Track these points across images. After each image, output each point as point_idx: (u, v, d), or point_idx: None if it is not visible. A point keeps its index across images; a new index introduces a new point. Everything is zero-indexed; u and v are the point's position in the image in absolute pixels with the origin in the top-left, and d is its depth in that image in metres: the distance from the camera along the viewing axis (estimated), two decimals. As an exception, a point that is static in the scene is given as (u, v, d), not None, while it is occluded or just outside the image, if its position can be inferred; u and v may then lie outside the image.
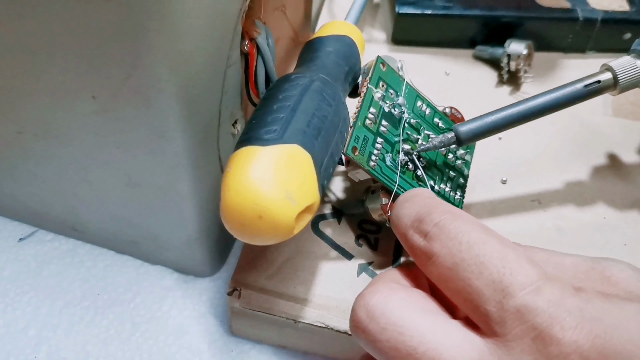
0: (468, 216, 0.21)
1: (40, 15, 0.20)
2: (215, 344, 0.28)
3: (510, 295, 0.18)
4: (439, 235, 0.20)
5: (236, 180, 0.19)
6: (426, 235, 0.20)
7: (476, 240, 0.19)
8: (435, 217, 0.20)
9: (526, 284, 0.18)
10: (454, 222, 0.20)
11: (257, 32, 0.25)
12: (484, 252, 0.19)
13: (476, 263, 0.19)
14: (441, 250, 0.20)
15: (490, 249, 0.19)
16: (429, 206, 0.21)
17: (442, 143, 0.26)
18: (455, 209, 0.21)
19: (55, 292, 0.29)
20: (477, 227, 0.20)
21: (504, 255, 0.19)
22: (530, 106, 0.26)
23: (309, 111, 0.21)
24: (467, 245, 0.19)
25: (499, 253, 0.19)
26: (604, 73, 0.26)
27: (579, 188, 0.31)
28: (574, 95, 0.26)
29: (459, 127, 0.26)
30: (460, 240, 0.19)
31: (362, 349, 0.22)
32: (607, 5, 0.38)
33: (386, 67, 0.27)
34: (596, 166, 0.32)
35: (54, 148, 0.25)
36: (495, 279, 0.18)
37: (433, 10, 0.37)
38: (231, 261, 0.31)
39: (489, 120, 0.26)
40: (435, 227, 0.20)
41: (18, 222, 0.32)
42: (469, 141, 0.26)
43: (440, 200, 0.22)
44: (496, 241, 0.19)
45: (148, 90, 0.21)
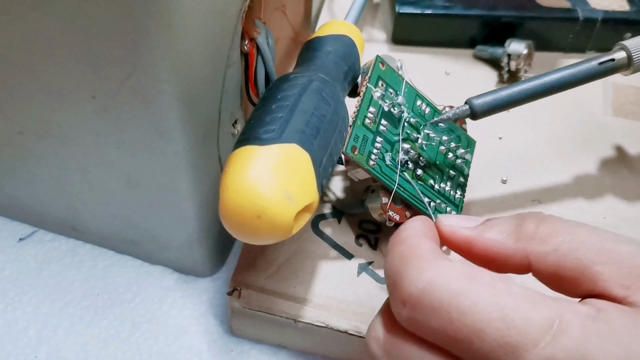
0: (446, 269, 0.18)
1: (40, 15, 0.20)
2: (215, 344, 0.28)
3: (523, 355, 0.16)
4: (421, 305, 0.18)
5: (235, 180, 0.19)
6: (406, 305, 0.18)
7: (467, 304, 0.17)
8: (411, 281, 0.18)
9: (539, 338, 0.16)
10: (435, 286, 0.18)
11: (257, 32, 0.25)
12: (479, 317, 0.17)
13: (474, 332, 0.17)
14: (429, 321, 0.18)
15: (485, 310, 0.17)
16: (402, 262, 0.19)
17: (456, 115, 0.25)
18: (431, 261, 0.18)
19: (55, 292, 0.29)
20: (462, 282, 0.18)
21: (504, 314, 0.17)
22: (544, 82, 0.25)
23: (308, 111, 0.21)
24: (457, 314, 0.17)
25: (496, 312, 0.17)
26: (619, 52, 0.26)
27: (579, 188, 0.31)
28: (588, 72, 0.26)
29: (474, 99, 0.25)
30: (448, 309, 0.17)
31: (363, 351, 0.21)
32: (607, 5, 0.38)
33: (385, 66, 0.27)
34: (596, 166, 0.32)
35: (54, 148, 0.25)
36: (503, 343, 0.16)
37: (433, 10, 0.37)
38: (231, 261, 0.31)
39: (503, 94, 0.25)
40: (413, 295, 0.18)
41: (18, 222, 0.32)
42: (482, 114, 0.25)
43: (416, 246, 0.19)
44: (488, 293, 0.17)
45: (148, 90, 0.21)
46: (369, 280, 0.27)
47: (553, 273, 0.19)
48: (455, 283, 0.18)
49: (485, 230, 0.20)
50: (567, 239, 0.19)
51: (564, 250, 0.19)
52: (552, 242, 0.19)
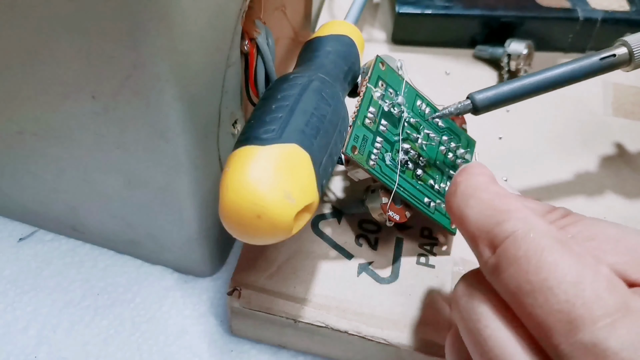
0: (544, 226, 0.18)
1: (40, 15, 0.20)
2: (215, 344, 0.28)
3: (578, 329, 0.16)
4: (509, 250, 0.18)
5: (235, 180, 0.19)
6: (495, 250, 0.18)
7: (548, 259, 0.17)
8: (507, 227, 0.18)
9: (599, 317, 0.16)
10: (527, 236, 0.18)
11: (257, 32, 0.25)
12: (554, 275, 0.17)
13: (542, 289, 0.17)
14: (507, 269, 0.17)
15: (563, 271, 0.17)
16: (500, 211, 0.19)
17: (458, 110, 0.25)
18: (531, 215, 0.18)
19: (55, 292, 0.29)
20: (552, 242, 0.17)
21: (579, 280, 0.16)
22: (546, 77, 0.25)
23: (308, 111, 0.21)
24: (535, 266, 0.17)
25: (573, 277, 0.16)
26: (620, 48, 0.26)
27: (579, 188, 0.31)
28: (590, 67, 0.26)
29: (476, 94, 0.25)
30: (530, 259, 0.17)
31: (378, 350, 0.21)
32: (607, 5, 0.38)
33: (385, 66, 0.27)
34: (596, 166, 0.32)
35: (54, 148, 0.25)
36: (563, 309, 0.16)
37: (433, 10, 0.37)
38: (231, 261, 0.31)
39: (505, 89, 0.25)
40: (506, 241, 0.18)
41: (18, 222, 0.32)
42: (484, 109, 0.25)
43: (510, 198, 0.20)
44: (573, 260, 0.17)
45: (148, 90, 0.21)
46: (369, 280, 0.27)
47: None
48: (547, 240, 0.17)
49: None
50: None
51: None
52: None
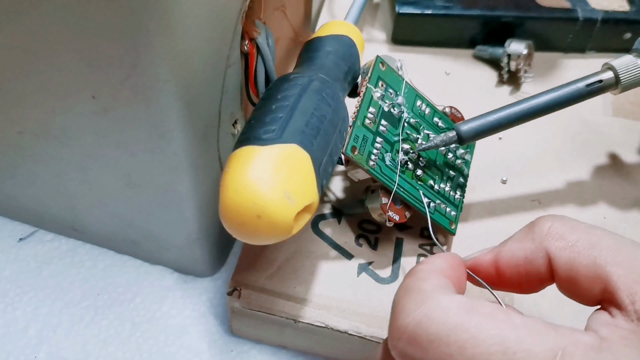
0: (446, 300, 0.18)
1: (40, 15, 0.20)
2: (215, 344, 0.28)
3: None
4: (417, 338, 0.17)
5: (235, 180, 0.19)
6: (401, 339, 0.18)
7: (466, 336, 0.17)
8: (408, 313, 0.18)
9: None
10: (432, 318, 0.17)
11: (257, 32, 0.25)
12: (480, 350, 0.16)
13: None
14: (426, 357, 0.17)
15: (486, 343, 0.16)
16: (403, 294, 0.18)
17: (444, 142, 0.26)
18: (430, 292, 0.18)
19: (55, 292, 0.29)
20: (460, 315, 0.17)
21: (505, 347, 0.16)
22: (531, 105, 0.26)
23: (308, 111, 0.21)
24: (456, 347, 0.16)
25: (497, 345, 0.16)
26: (606, 72, 0.26)
27: (579, 188, 0.31)
28: (576, 94, 0.26)
29: (461, 125, 0.26)
30: (447, 341, 0.17)
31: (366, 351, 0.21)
32: (607, 5, 0.38)
33: (385, 66, 0.27)
34: (596, 166, 0.32)
35: (54, 148, 0.25)
36: None
37: (433, 10, 0.37)
38: (231, 261, 0.31)
39: (490, 119, 0.26)
40: (409, 327, 0.17)
41: (18, 222, 0.32)
42: (470, 140, 0.26)
43: (420, 280, 0.19)
44: (488, 325, 0.17)
45: (148, 90, 0.21)
46: (369, 280, 0.27)
47: (568, 270, 0.18)
48: (453, 316, 0.17)
49: (503, 245, 0.20)
50: (583, 237, 0.19)
51: (580, 247, 0.18)
52: (568, 238, 0.19)
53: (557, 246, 0.19)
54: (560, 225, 0.19)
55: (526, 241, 0.19)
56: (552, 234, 0.19)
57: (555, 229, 0.19)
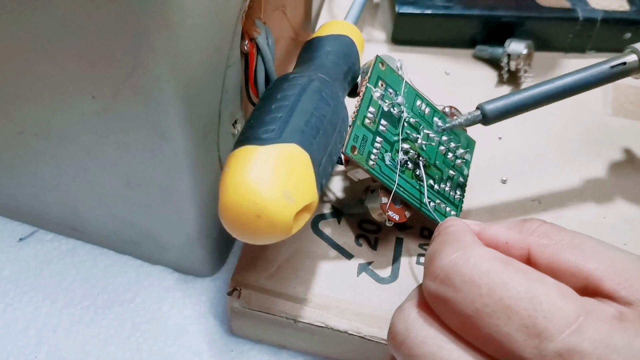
0: (483, 250, 0.19)
1: (40, 15, 0.20)
2: (215, 344, 0.28)
3: (548, 339, 0.16)
4: (452, 278, 0.18)
5: (234, 180, 0.19)
6: (437, 279, 0.18)
7: (497, 280, 0.17)
8: (445, 256, 0.18)
9: (565, 325, 0.16)
10: (468, 261, 0.18)
11: (257, 32, 0.25)
12: (508, 294, 0.17)
13: (502, 308, 0.17)
14: (457, 296, 0.18)
15: (515, 289, 0.17)
16: (442, 243, 0.19)
17: (468, 121, 0.25)
18: (470, 243, 0.19)
19: (55, 292, 0.29)
20: (495, 263, 0.18)
21: (533, 295, 0.17)
22: (556, 86, 0.25)
23: (308, 111, 0.21)
24: (487, 288, 0.17)
25: (525, 293, 0.17)
26: (630, 55, 0.26)
27: (579, 188, 0.31)
28: (600, 75, 0.26)
29: (486, 105, 0.25)
30: (479, 283, 0.17)
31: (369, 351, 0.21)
32: (607, 5, 0.38)
33: (385, 66, 0.27)
34: (596, 166, 0.32)
35: (54, 148, 0.25)
36: (528, 324, 0.17)
37: (433, 10, 0.37)
38: (231, 261, 0.31)
39: (515, 99, 0.25)
40: (446, 268, 0.18)
41: (18, 222, 0.32)
42: (494, 120, 0.25)
43: (459, 232, 0.20)
44: (521, 277, 0.17)
45: (148, 90, 0.21)
46: (369, 280, 0.27)
47: (550, 264, 0.19)
48: (489, 262, 0.18)
49: (492, 224, 0.21)
50: (567, 238, 0.19)
51: (564, 245, 0.19)
52: (553, 238, 0.19)
53: (541, 243, 0.20)
54: (548, 226, 0.20)
55: (513, 231, 0.20)
56: (538, 232, 0.20)
57: (543, 227, 0.20)
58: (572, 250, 0.19)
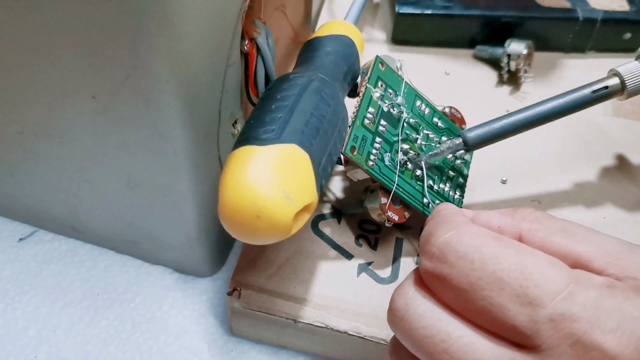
0: (475, 228, 0.19)
1: (40, 15, 0.20)
2: (215, 344, 0.28)
3: (540, 307, 0.17)
4: (446, 255, 0.19)
5: (234, 180, 0.19)
6: (433, 257, 0.19)
7: (489, 254, 0.18)
8: (439, 235, 0.19)
9: (556, 292, 0.17)
10: (461, 239, 0.19)
11: (257, 32, 0.25)
12: (500, 267, 0.18)
13: (494, 280, 0.18)
14: (451, 272, 0.18)
15: (507, 261, 0.18)
16: (436, 224, 0.20)
17: (450, 149, 0.26)
18: (462, 222, 0.20)
19: (55, 292, 0.29)
20: (487, 239, 0.19)
21: (523, 267, 0.18)
22: (537, 112, 0.26)
23: (307, 111, 0.21)
24: (480, 262, 0.18)
25: (517, 265, 0.18)
26: (612, 78, 0.26)
27: (579, 188, 0.31)
28: (582, 100, 0.26)
29: (467, 133, 0.26)
30: (472, 258, 0.18)
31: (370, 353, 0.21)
32: (607, 5, 0.38)
33: (385, 66, 0.27)
34: (596, 166, 0.32)
35: (54, 148, 0.25)
36: (520, 294, 0.17)
37: (433, 10, 0.37)
38: (231, 261, 0.31)
39: (496, 126, 0.26)
40: (440, 246, 0.19)
41: (18, 222, 0.32)
42: (476, 147, 0.26)
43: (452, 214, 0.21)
44: (511, 250, 0.18)
45: (148, 90, 0.21)
46: (368, 281, 0.27)
47: (540, 248, 0.19)
48: (481, 238, 0.19)
49: (484, 211, 0.22)
50: (557, 224, 0.20)
51: (554, 230, 0.20)
52: (544, 223, 0.20)
53: (532, 227, 0.20)
54: (540, 213, 0.21)
55: (505, 216, 0.21)
56: (530, 217, 0.20)
57: (534, 213, 0.21)
58: (563, 234, 0.20)
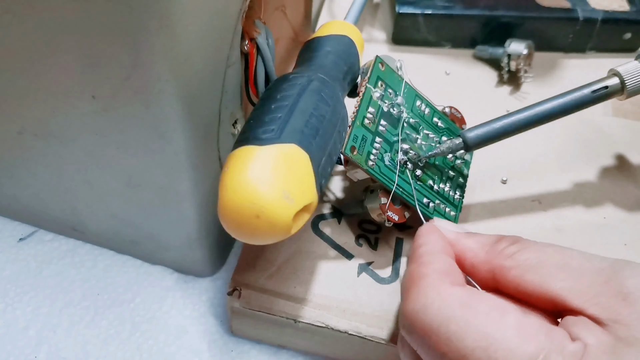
0: (446, 294, 0.19)
1: (40, 15, 0.20)
2: (215, 344, 0.28)
3: None
4: (415, 327, 0.19)
5: (234, 180, 0.19)
6: (403, 327, 0.20)
7: (454, 329, 0.18)
8: (408, 304, 0.19)
9: None
10: (427, 310, 0.19)
11: (257, 32, 0.25)
12: (464, 344, 0.18)
13: (458, 358, 0.18)
14: (420, 345, 0.19)
15: (471, 338, 0.18)
16: (410, 281, 0.20)
17: (450, 149, 0.26)
18: (434, 284, 0.19)
19: (55, 292, 0.29)
20: (455, 308, 0.18)
21: (488, 343, 0.17)
22: (537, 112, 0.26)
23: (307, 111, 0.21)
24: (445, 338, 0.18)
25: (481, 342, 0.17)
26: (612, 78, 0.26)
27: (579, 188, 0.31)
28: (582, 100, 0.26)
29: (467, 133, 0.26)
30: (437, 332, 0.18)
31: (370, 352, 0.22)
32: (607, 5, 0.38)
33: (385, 66, 0.27)
34: (596, 166, 0.32)
35: (54, 148, 0.25)
36: None
37: (433, 10, 0.37)
38: (231, 261, 0.31)
39: (496, 126, 0.26)
40: (409, 317, 0.19)
41: (18, 222, 0.32)
42: (476, 147, 0.26)
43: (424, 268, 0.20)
44: (478, 321, 0.18)
45: (148, 90, 0.21)
46: (369, 281, 0.27)
47: (516, 287, 0.19)
48: (448, 308, 0.18)
49: (466, 237, 0.21)
50: (531, 257, 0.20)
51: (527, 266, 0.19)
52: (517, 258, 0.20)
53: (505, 266, 0.20)
54: (516, 247, 0.20)
55: (481, 251, 0.21)
56: (504, 254, 0.20)
57: (510, 249, 0.20)
58: (536, 270, 0.19)
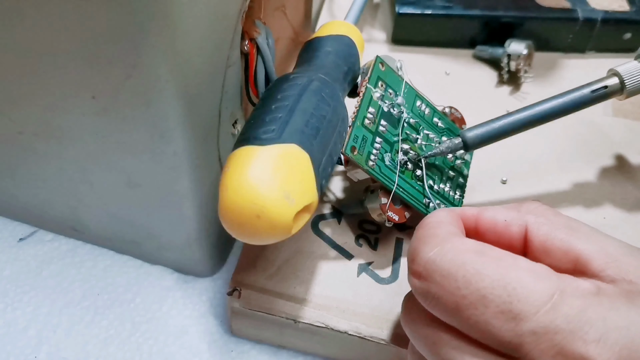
0: (458, 243, 0.19)
1: (40, 15, 0.20)
2: (215, 344, 0.28)
3: (523, 321, 0.17)
4: (432, 274, 0.19)
5: (234, 180, 0.19)
6: (420, 276, 0.19)
7: (472, 272, 0.18)
8: (424, 255, 0.19)
9: (539, 305, 0.17)
10: (445, 257, 0.19)
11: (257, 32, 0.25)
12: (483, 284, 0.18)
13: (478, 298, 0.18)
14: (438, 291, 0.19)
15: (489, 278, 0.18)
16: (420, 241, 0.20)
17: (449, 148, 0.26)
18: (445, 237, 0.20)
19: (55, 292, 0.29)
20: (470, 255, 0.19)
21: (506, 282, 0.18)
22: (537, 112, 0.26)
23: (308, 111, 0.21)
24: (463, 280, 0.18)
25: (499, 281, 0.18)
26: (611, 78, 0.26)
27: (579, 188, 0.31)
28: (581, 100, 0.26)
29: (466, 132, 0.26)
30: (455, 276, 0.18)
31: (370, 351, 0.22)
32: (607, 5, 0.38)
33: (385, 66, 0.27)
34: (596, 166, 0.32)
35: (54, 148, 0.25)
36: (504, 310, 0.17)
37: (433, 10, 0.37)
38: (231, 261, 0.31)
39: (496, 126, 0.26)
40: (426, 266, 0.19)
41: (18, 222, 0.32)
42: (475, 147, 0.26)
43: (435, 226, 0.21)
44: (493, 265, 0.18)
45: (148, 90, 0.21)
46: (369, 281, 0.27)
47: (544, 242, 0.20)
48: (463, 254, 0.19)
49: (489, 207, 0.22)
50: (563, 220, 0.20)
51: (559, 225, 0.20)
52: (549, 218, 0.20)
53: (538, 221, 0.20)
54: (546, 207, 0.21)
55: (511, 210, 0.21)
56: (536, 211, 0.21)
57: (540, 208, 0.21)
58: (566, 230, 0.20)
